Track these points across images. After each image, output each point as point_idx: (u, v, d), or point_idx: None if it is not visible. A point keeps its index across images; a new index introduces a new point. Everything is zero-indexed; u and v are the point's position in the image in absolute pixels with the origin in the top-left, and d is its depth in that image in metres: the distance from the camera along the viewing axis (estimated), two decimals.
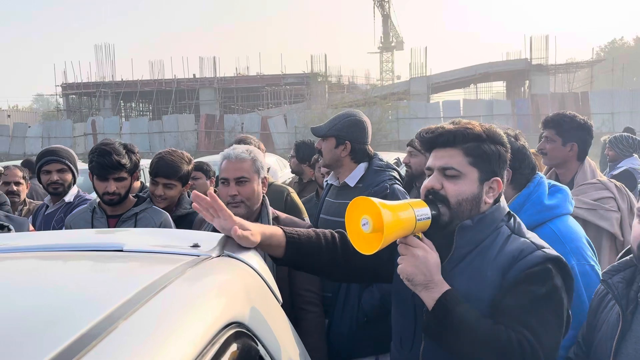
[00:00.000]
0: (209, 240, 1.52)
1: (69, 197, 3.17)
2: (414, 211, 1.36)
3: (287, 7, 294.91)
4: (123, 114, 41.28)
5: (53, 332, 0.74)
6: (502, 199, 1.53)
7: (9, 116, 41.69)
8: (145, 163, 11.91)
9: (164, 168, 2.83)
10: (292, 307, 2.18)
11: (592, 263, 1.93)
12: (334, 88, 38.69)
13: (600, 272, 1.93)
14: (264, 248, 1.58)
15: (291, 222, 2.30)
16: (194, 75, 39.49)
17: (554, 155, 2.83)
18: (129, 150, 2.62)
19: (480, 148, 1.45)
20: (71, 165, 3.20)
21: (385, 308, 1.99)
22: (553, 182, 2.16)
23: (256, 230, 1.52)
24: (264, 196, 2.31)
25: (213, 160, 5.26)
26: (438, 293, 1.37)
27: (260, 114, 34.34)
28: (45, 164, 3.14)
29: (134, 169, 2.62)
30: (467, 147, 1.45)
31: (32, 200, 4.12)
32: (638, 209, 1.50)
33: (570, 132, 2.78)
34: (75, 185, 3.26)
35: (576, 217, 2.65)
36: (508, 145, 1.53)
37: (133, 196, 2.73)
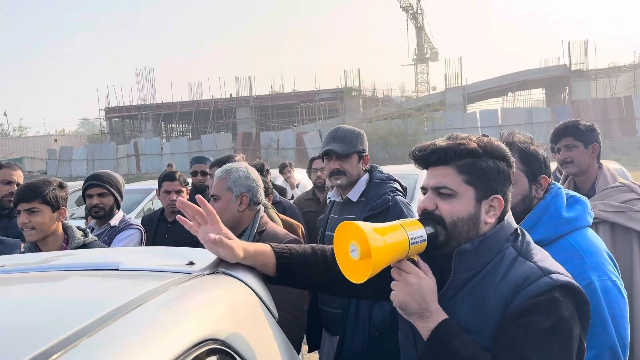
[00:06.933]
0: (205, 257, 1.53)
1: (114, 221, 3.23)
2: (406, 234, 1.26)
3: (319, 23, 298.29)
4: (164, 135, 42.39)
5: (7, 352, 0.77)
6: (509, 217, 1.41)
7: (55, 140, 43.40)
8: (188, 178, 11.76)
9: (24, 192, 2.52)
10: None
11: (614, 278, 1.82)
12: (368, 102, 38.67)
13: (622, 287, 1.84)
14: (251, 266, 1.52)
15: (273, 236, 2.31)
16: (231, 94, 40.33)
17: (581, 160, 2.77)
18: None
19: (476, 165, 1.34)
20: (112, 189, 3.25)
21: (397, 321, 1.96)
22: (572, 192, 2.07)
23: (239, 246, 1.44)
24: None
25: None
26: (433, 323, 1.28)
27: (295, 130, 34.68)
28: (88, 188, 3.25)
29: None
30: (461, 164, 1.34)
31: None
32: None
33: (587, 134, 2.78)
34: (120, 210, 3.32)
35: (604, 221, 2.56)
36: (512, 159, 1.40)
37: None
